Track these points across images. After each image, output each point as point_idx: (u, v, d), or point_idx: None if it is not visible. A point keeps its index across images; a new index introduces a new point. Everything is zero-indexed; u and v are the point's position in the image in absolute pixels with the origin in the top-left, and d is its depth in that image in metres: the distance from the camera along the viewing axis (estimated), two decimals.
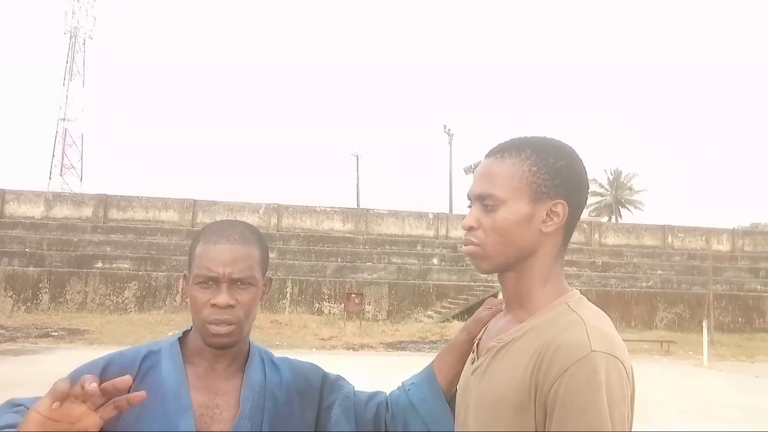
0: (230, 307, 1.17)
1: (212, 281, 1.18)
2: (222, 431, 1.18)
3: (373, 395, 1.36)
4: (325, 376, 1.35)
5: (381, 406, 1.32)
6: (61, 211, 24.29)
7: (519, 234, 1.05)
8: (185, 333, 1.29)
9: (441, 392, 1.30)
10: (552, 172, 1.05)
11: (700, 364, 14.61)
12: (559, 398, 0.92)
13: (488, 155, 1.11)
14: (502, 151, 1.09)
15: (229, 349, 1.22)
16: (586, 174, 1.11)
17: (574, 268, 23.84)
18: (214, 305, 1.17)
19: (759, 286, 25.00)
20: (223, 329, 1.18)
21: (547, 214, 1.05)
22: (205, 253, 1.20)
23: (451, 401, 1.26)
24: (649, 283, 24.16)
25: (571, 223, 1.08)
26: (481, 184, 1.08)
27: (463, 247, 1.11)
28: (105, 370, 1.17)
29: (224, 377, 1.23)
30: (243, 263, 1.20)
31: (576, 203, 1.07)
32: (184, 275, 1.27)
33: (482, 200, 1.07)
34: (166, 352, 1.22)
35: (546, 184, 1.05)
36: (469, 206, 1.12)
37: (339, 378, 1.38)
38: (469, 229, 1.08)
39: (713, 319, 19.64)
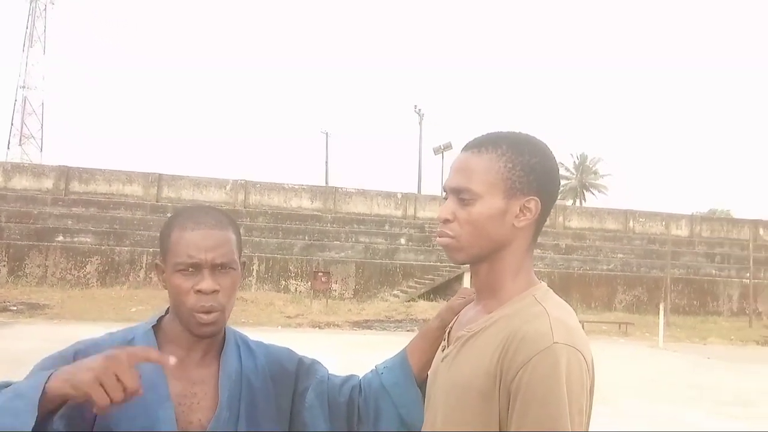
0: (215, 292, 1.17)
1: (194, 268, 1.17)
2: (200, 425, 1.18)
3: (347, 379, 1.37)
4: (300, 361, 1.36)
5: (354, 390, 1.34)
6: (20, 182, 23.59)
7: (493, 228, 1.08)
8: (159, 320, 1.27)
9: (413, 377, 1.33)
10: (526, 169, 1.09)
11: (655, 345, 15.13)
12: (522, 387, 0.96)
13: (465, 149, 1.14)
14: (479, 145, 1.12)
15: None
16: (558, 170, 1.16)
17: (539, 251, 24.24)
18: (199, 291, 1.17)
19: (714, 271, 25.86)
20: (210, 317, 1.18)
21: (520, 210, 1.09)
22: (184, 240, 1.19)
23: (422, 386, 1.28)
24: (610, 266, 24.77)
25: (542, 218, 1.12)
26: (458, 177, 1.11)
27: (438, 238, 1.14)
28: (75, 359, 1.14)
29: (201, 365, 1.23)
30: (224, 248, 1.20)
31: (548, 199, 1.11)
32: (157, 265, 1.25)
33: (458, 194, 1.10)
34: (141, 340, 1.21)
35: (520, 181, 1.08)
36: (445, 198, 1.14)
37: (314, 362, 1.39)
38: (445, 221, 1.11)
39: (670, 302, 20.29)
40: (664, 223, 28.54)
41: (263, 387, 1.27)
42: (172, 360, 1.07)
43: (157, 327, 1.26)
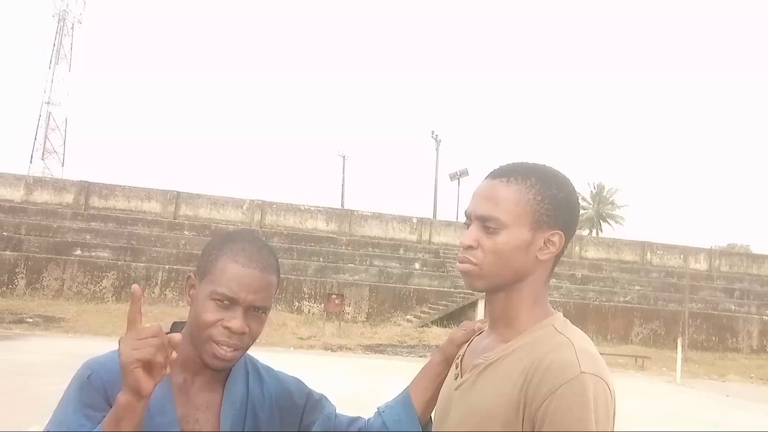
0: (243, 334, 1.16)
1: (230, 302, 1.16)
2: None
3: (354, 420, 1.36)
4: (309, 395, 1.35)
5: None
6: (41, 196, 23.98)
7: (516, 258, 1.08)
8: None
9: (415, 414, 1.31)
10: (554, 203, 1.09)
11: (673, 381, 14.81)
12: (549, 416, 0.95)
13: (493, 176, 1.13)
14: (507, 174, 1.11)
15: None
16: (579, 206, 1.16)
17: (554, 280, 23.97)
18: (227, 328, 1.15)
19: (733, 306, 25.39)
20: (229, 354, 1.16)
21: (544, 243, 1.09)
22: (231, 272, 1.16)
23: (425, 426, 1.27)
24: (627, 298, 24.43)
25: (562, 252, 1.12)
26: (485, 205, 1.10)
27: (458, 264, 1.13)
28: (90, 383, 1.13)
29: (205, 390, 1.21)
30: (265, 292, 1.19)
31: (570, 233, 1.12)
32: (189, 277, 1.23)
33: (484, 221, 1.09)
34: None
35: (548, 214, 1.09)
36: (467, 224, 1.13)
37: (323, 398, 1.38)
38: (468, 247, 1.10)
39: (687, 336, 19.91)
40: (682, 256, 28.18)
41: (269, 417, 1.25)
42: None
43: None
